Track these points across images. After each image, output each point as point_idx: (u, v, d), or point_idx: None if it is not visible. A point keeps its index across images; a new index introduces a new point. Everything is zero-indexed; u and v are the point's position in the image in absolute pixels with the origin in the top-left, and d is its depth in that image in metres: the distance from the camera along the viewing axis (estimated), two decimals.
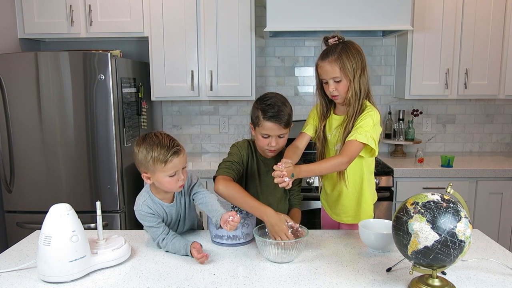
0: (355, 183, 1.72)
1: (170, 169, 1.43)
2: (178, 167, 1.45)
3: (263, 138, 1.65)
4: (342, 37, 1.65)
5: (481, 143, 3.39)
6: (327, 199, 1.85)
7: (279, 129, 1.62)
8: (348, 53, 1.59)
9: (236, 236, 1.53)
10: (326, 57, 1.60)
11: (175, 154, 1.43)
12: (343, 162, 1.53)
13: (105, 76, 2.47)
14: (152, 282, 1.27)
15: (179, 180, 1.47)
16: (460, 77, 2.96)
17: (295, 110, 3.31)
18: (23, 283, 1.27)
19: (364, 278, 1.28)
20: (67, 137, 2.54)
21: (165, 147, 1.42)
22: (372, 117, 1.59)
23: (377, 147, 1.62)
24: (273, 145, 1.64)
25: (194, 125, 3.38)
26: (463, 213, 1.11)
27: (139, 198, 1.54)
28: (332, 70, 1.59)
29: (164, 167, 1.42)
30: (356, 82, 1.60)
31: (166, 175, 1.44)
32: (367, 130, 1.56)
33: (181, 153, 1.46)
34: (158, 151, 1.42)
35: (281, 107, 1.62)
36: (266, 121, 1.61)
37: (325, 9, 2.65)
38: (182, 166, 1.47)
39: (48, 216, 1.26)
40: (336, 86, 1.61)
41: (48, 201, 2.38)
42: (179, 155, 1.45)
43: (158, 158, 1.41)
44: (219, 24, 2.90)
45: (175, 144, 1.45)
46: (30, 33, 2.93)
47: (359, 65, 1.60)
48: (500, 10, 2.88)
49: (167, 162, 1.42)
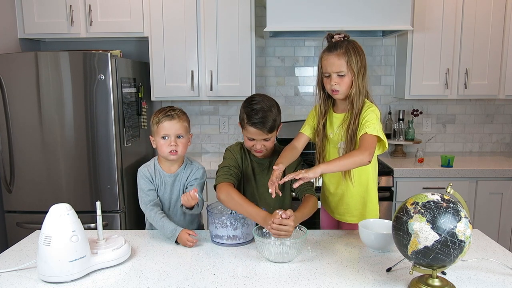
0: (361, 182, 1.72)
1: (161, 130, 1.60)
2: (168, 131, 1.59)
3: (248, 140, 1.69)
4: (347, 34, 1.66)
5: (481, 143, 3.39)
6: (330, 198, 1.82)
7: (263, 135, 1.64)
8: (354, 50, 1.60)
9: (236, 236, 1.54)
10: (334, 50, 1.60)
11: (167, 117, 1.59)
12: (364, 155, 1.46)
13: (105, 76, 2.47)
14: (152, 282, 1.27)
15: (170, 145, 1.59)
16: (460, 77, 2.96)
17: (295, 110, 3.35)
18: (23, 283, 1.27)
19: (364, 278, 1.28)
20: (67, 137, 2.53)
21: (163, 111, 1.62)
22: (375, 112, 1.60)
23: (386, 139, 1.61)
24: (258, 148, 1.67)
25: (194, 125, 3.38)
26: (463, 213, 1.11)
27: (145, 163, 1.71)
28: (339, 63, 1.59)
29: (157, 129, 1.60)
30: (360, 79, 1.60)
31: (159, 138, 1.61)
32: (374, 123, 1.56)
33: (175, 118, 1.60)
34: (157, 115, 1.62)
35: (267, 112, 1.62)
36: (249, 127, 1.64)
37: (325, 9, 2.65)
38: (174, 132, 1.60)
39: (48, 216, 1.26)
40: (338, 81, 1.60)
41: (48, 201, 2.38)
42: (172, 120, 1.59)
43: (154, 120, 1.62)
44: (219, 24, 2.90)
45: (174, 110, 1.61)
46: (30, 33, 2.93)
47: (363, 63, 1.61)
48: (500, 10, 2.88)
49: (159, 123, 1.60)
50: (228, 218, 1.54)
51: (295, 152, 1.71)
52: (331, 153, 1.75)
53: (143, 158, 3.04)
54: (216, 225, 1.55)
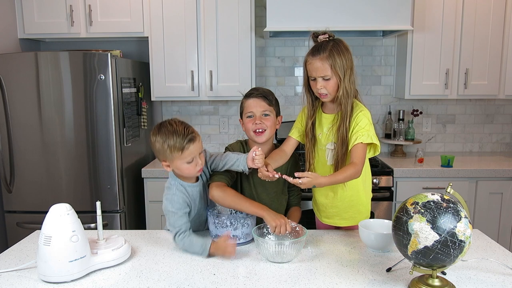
0: (351, 184, 1.67)
1: (187, 156, 1.47)
2: (194, 153, 1.48)
3: (248, 119, 1.69)
4: (332, 34, 1.61)
5: (481, 143, 3.39)
6: (318, 200, 1.79)
7: (262, 105, 1.66)
8: (339, 51, 1.55)
9: (236, 236, 1.53)
10: (317, 54, 1.56)
11: (191, 141, 1.47)
12: (357, 170, 1.51)
13: (105, 76, 2.47)
14: (152, 282, 1.27)
15: (197, 165, 1.51)
16: (460, 77, 2.96)
17: (295, 110, 3.35)
18: (23, 283, 1.27)
19: (364, 278, 1.28)
20: (67, 137, 2.54)
21: (180, 135, 1.46)
22: (366, 116, 1.59)
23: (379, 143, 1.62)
24: (258, 123, 1.67)
25: (194, 125, 3.31)
26: (463, 213, 1.11)
27: (169, 188, 1.55)
28: (323, 68, 1.55)
29: (182, 155, 1.46)
30: (347, 80, 1.56)
31: (184, 162, 1.48)
32: (367, 129, 1.56)
33: (197, 139, 1.49)
34: (174, 140, 1.45)
35: (265, 89, 1.71)
36: (248, 99, 1.68)
37: (325, 9, 2.65)
38: (198, 151, 1.50)
39: (48, 216, 1.26)
40: (324, 84, 1.57)
41: (48, 201, 2.39)
42: (195, 142, 1.48)
43: (175, 146, 1.45)
44: (219, 24, 2.90)
45: (190, 130, 1.49)
46: (30, 33, 2.93)
47: (349, 64, 1.57)
48: (500, 10, 2.88)
49: (184, 150, 1.46)
50: (228, 218, 1.54)
51: (283, 155, 1.70)
52: (319, 153, 1.71)
53: (143, 158, 3.04)
54: (216, 225, 1.55)
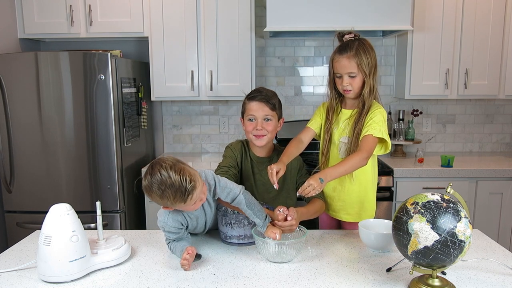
0: (360, 180, 1.72)
1: (190, 204, 1.36)
2: (196, 199, 1.37)
3: (249, 122, 1.69)
4: (357, 33, 1.67)
5: (481, 143, 3.39)
6: (326, 193, 1.80)
7: (264, 110, 1.66)
8: (365, 50, 1.62)
9: (240, 236, 1.53)
10: (345, 52, 1.62)
11: (192, 191, 1.32)
12: (362, 158, 1.54)
13: (105, 76, 2.47)
14: (152, 282, 1.27)
15: (197, 204, 1.40)
16: (460, 77, 2.96)
17: (295, 110, 3.35)
18: (23, 283, 1.27)
19: (364, 278, 1.28)
20: (67, 137, 2.54)
21: (178, 190, 1.30)
22: (382, 114, 1.64)
23: (389, 141, 1.65)
24: (259, 128, 1.67)
25: (194, 125, 3.38)
26: (463, 213, 1.11)
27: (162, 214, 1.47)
28: (350, 65, 1.62)
29: (185, 205, 1.35)
30: (371, 78, 1.64)
31: (186, 206, 1.37)
32: (381, 125, 1.60)
33: (197, 187, 1.34)
34: (174, 195, 1.30)
35: (268, 92, 1.70)
36: (250, 102, 1.68)
37: (325, 9, 2.65)
38: (200, 197, 1.39)
39: (48, 216, 1.26)
40: (350, 81, 1.64)
41: (48, 201, 2.39)
42: (196, 190, 1.33)
43: (175, 200, 1.32)
44: (219, 24, 2.90)
45: (188, 181, 1.31)
46: (30, 33, 2.93)
47: (373, 62, 1.65)
48: (500, 10, 2.88)
49: (187, 201, 1.33)
50: (245, 217, 1.50)
51: (300, 146, 1.72)
52: (333, 148, 1.75)
53: (143, 158, 3.04)
54: (232, 225, 1.52)
